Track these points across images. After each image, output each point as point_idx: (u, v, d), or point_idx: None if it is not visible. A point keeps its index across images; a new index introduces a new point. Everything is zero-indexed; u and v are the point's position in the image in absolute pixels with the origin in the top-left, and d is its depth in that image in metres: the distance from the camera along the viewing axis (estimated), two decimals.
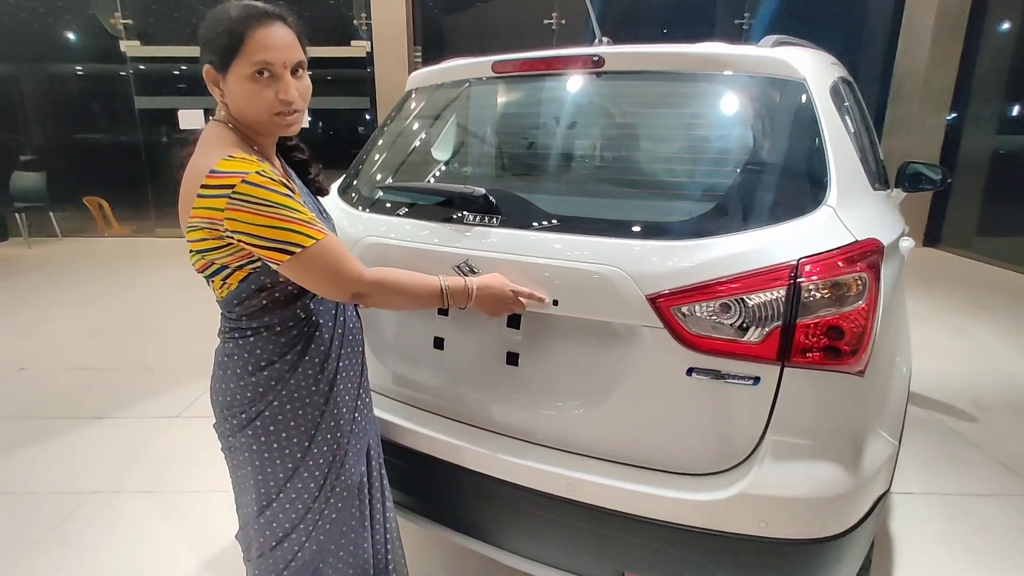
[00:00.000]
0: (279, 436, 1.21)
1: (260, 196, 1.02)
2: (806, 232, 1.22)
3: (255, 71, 1.07)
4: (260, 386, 1.18)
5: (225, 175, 1.02)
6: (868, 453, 1.24)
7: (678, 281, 1.21)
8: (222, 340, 1.21)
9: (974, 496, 2.40)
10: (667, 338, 1.22)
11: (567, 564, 1.41)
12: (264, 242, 1.03)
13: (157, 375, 3.52)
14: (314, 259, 1.07)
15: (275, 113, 1.10)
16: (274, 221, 1.03)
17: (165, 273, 6.11)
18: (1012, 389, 3.38)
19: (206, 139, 1.13)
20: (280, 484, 1.23)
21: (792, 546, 1.18)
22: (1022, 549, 2.08)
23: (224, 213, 1.02)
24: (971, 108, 7.03)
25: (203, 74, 1.11)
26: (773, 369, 1.17)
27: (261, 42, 1.06)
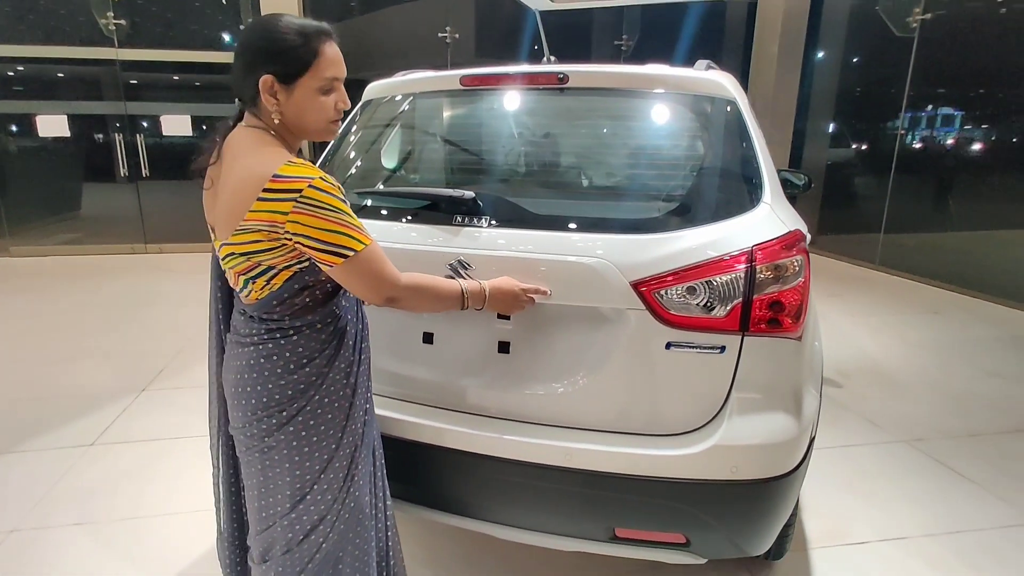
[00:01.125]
0: (318, 430, 1.26)
1: (324, 201, 1.09)
2: (753, 224, 1.49)
3: (324, 86, 1.17)
4: (302, 383, 1.23)
5: (291, 179, 1.08)
6: (806, 404, 1.53)
7: (657, 268, 1.42)
8: (254, 343, 1.24)
9: (850, 447, 2.88)
10: (648, 318, 1.43)
11: (564, 529, 1.58)
12: (323, 245, 1.10)
13: (62, 403, 3.21)
14: (364, 263, 1.15)
15: (331, 121, 1.22)
16: (334, 226, 1.10)
17: (38, 295, 5.47)
18: (865, 358, 4.03)
19: (250, 145, 1.17)
20: (315, 476, 1.28)
21: (757, 485, 1.43)
22: (892, 485, 2.55)
23: (288, 216, 1.08)
24: (809, 125, 8.16)
25: (259, 83, 1.14)
26: (735, 339, 1.42)
27: (331, 59, 1.17)
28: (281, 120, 1.18)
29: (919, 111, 6.67)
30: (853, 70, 7.76)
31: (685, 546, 1.51)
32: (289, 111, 1.17)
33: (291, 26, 1.14)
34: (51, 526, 2.21)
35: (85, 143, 7.35)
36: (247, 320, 1.26)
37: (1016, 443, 2.93)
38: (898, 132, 6.77)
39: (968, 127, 6.41)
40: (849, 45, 7.73)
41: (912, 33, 6.44)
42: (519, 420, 1.57)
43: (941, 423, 3.12)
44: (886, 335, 4.55)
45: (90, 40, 7.00)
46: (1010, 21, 5.79)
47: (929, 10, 6.31)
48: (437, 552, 2.09)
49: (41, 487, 2.45)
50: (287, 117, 1.18)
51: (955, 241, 6.40)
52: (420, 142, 2.06)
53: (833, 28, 7.82)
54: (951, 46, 6.29)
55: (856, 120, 7.80)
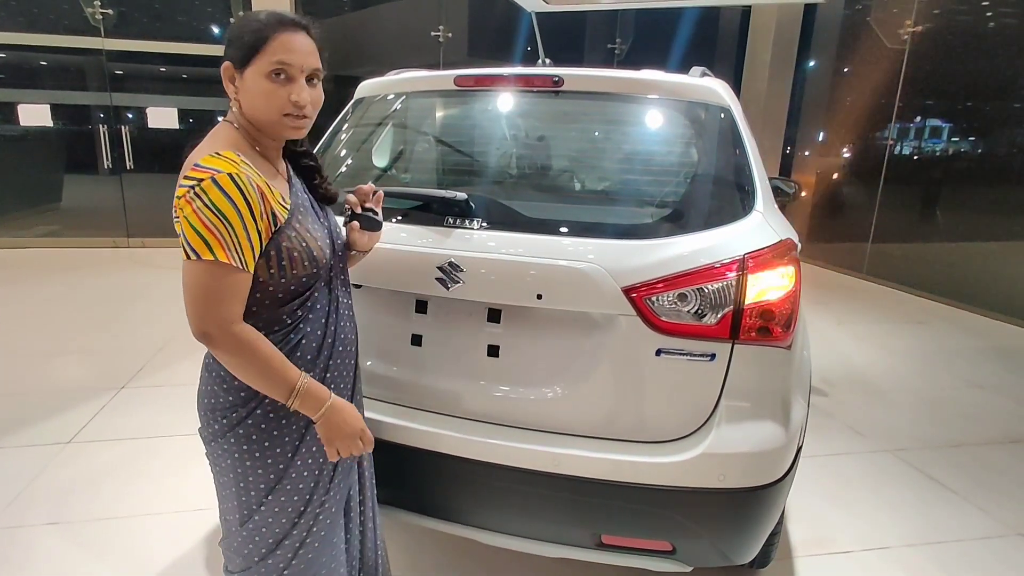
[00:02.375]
0: (261, 445, 1.19)
1: (214, 201, 1.02)
2: (745, 232, 1.48)
3: (272, 70, 1.09)
4: (243, 391, 1.16)
5: (203, 169, 1.03)
6: (794, 413, 1.52)
7: (649, 275, 1.41)
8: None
9: (835, 456, 2.89)
10: (639, 324, 1.42)
11: (550, 535, 1.56)
12: (183, 238, 1.03)
13: (38, 400, 3.15)
14: (200, 275, 1.03)
15: (285, 114, 1.12)
16: (202, 227, 1.01)
17: (15, 288, 5.37)
18: (850, 367, 4.05)
19: (210, 136, 1.14)
20: (261, 495, 1.21)
21: (745, 493, 1.42)
22: (876, 496, 2.56)
23: (179, 202, 1.03)
24: (800, 133, 8.22)
25: (221, 70, 1.12)
26: (725, 347, 1.41)
27: (284, 43, 1.10)
28: (240, 110, 1.13)
29: (908, 122, 6.74)
30: (844, 80, 7.83)
31: (671, 554, 1.50)
32: (246, 100, 1.12)
33: (257, 15, 1.12)
34: (24, 525, 2.16)
35: (68, 134, 7.24)
36: None
37: (997, 454, 2.96)
38: (887, 142, 6.84)
39: (956, 139, 6.49)
40: (840, 55, 7.81)
41: (903, 45, 6.51)
42: (508, 424, 1.55)
43: (924, 433, 3.14)
44: (871, 344, 4.59)
45: (76, 29, 6.89)
46: (999, 35, 5.88)
47: (920, 23, 6.38)
48: (419, 557, 2.07)
49: (15, 485, 2.39)
50: (245, 108, 1.13)
51: (941, 252, 6.48)
52: (412, 142, 2.04)
53: (825, 38, 7.89)
54: (941, 58, 6.37)
55: (846, 129, 7.87)
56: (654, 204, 1.63)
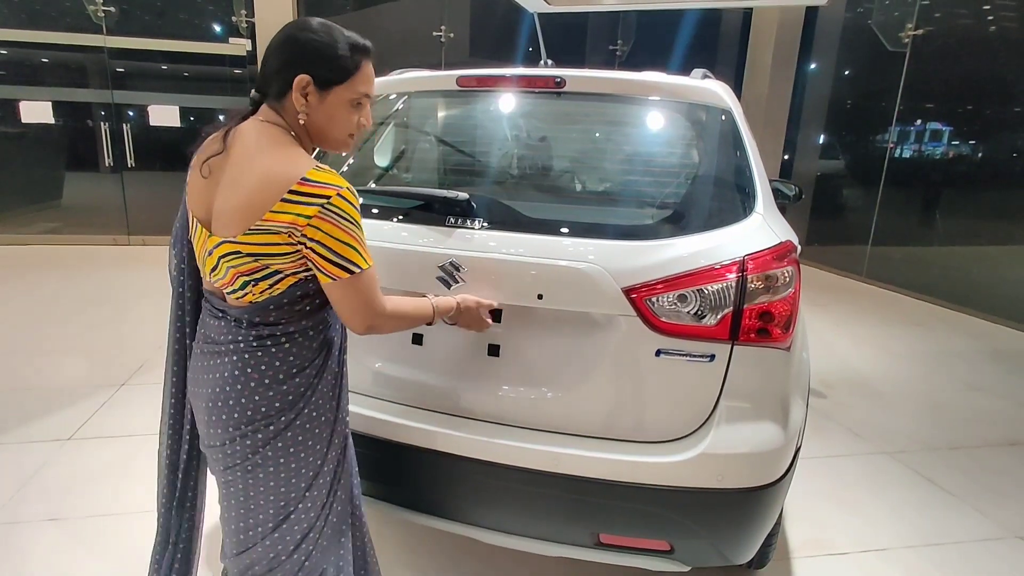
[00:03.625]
0: (306, 444, 1.21)
1: (349, 213, 1.07)
2: (745, 234, 1.48)
3: (357, 100, 1.17)
4: (291, 394, 1.18)
5: (321, 185, 1.05)
6: (793, 414, 1.53)
7: (649, 276, 1.42)
8: (240, 351, 1.16)
9: (833, 457, 2.89)
10: (639, 325, 1.42)
11: (550, 534, 1.56)
12: (335, 257, 1.07)
13: (38, 396, 3.15)
14: (364, 284, 1.12)
15: (350, 135, 1.21)
16: (351, 239, 1.08)
17: (15, 285, 5.37)
18: (849, 369, 4.06)
19: (269, 142, 1.12)
20: (302, 492, 1.23)
21: (743, 493, 1.43)
22: (874, 497, 2.56)
23: (311, 221, 1.04)
24: (800, 135, 8.23)
25: (295, 81, 1.11)
26: (725, 347, 1.42)
27: (368, 76, 1.18)
28: (305, 123, 1.15)
29: (909, 125, 6.75)
30: (845, 82, 7.84)
31: (669, 553, 1.50)
32: (316, 116, 1.15)
33: (341, 35, 1.15)
34: (22, 521, 2.16)
35: (69, 131, 7.24)
36: (229, 325, 1.17)
37: (995, 456, 2.96)
38: (888, 145, 6.85)
39: (956, 142, 6.50)
40: (842, 57, 7.81)
41: (904, 48, 6.51)
42: (508, 424, 1.55)
43: (922, 435, 3.15)
44: (870, 347, 4.59)
45: (78, 26, 6.89)
46: (1000, 38, 5.88)
47: (921, 26, 6.39)
48: (419, 555, 2.07)
49: (14, 481, 2.39)
50: (312, 121, 1.15)
51: (941, 255, 6.48)
52: (414, 142, 2.04)
53: (826, 40, 7.90)
54: (942, 62, 6.38)
55: (847, 132, 7.88)
56: (655, 205, 1.64)
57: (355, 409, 1.60)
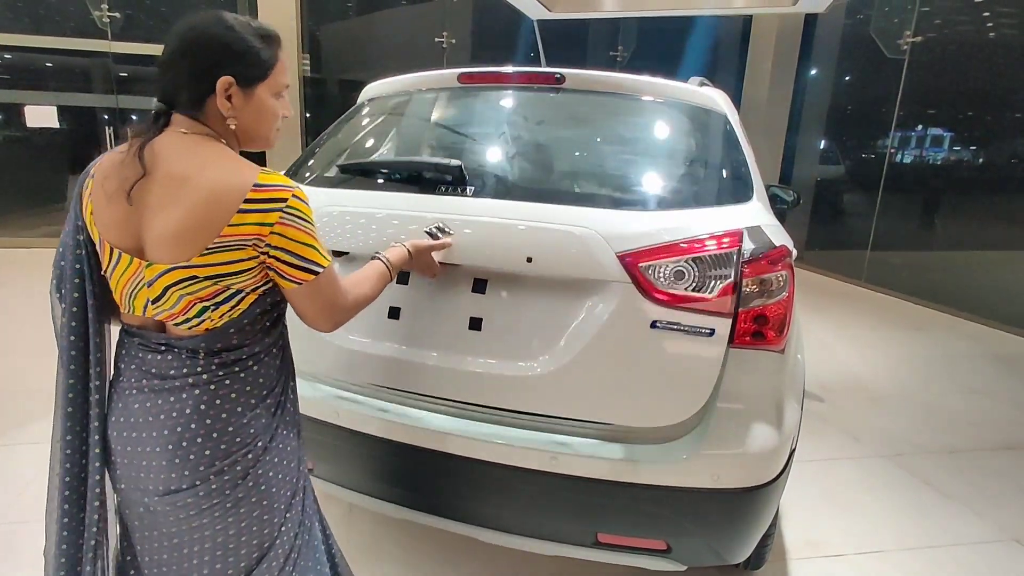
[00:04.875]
0: (283, 464, 1.14)
1: (305, 212, 1.03)
2: (745, 212, 1.50)
3: (279, 92, 1.12)
4: (264, 417, 1.10)
5: (275, 188, 1.00)
6: (787, 416, 1.55)
7: (646, 241, 1.39)
8: (201, 383, 1.04)
9: (831, 460, 2.91)
10: (634, 293, 1.38)
11: (547, 533, 1.58)
12: (299, 260, 1.03)
13: (41, 397, 3.17)
14: (327, 283, 1.08)
15: (277, 128, 1.16)
16: (310, 239, 1.04)
17: (16, 286, 5.41)
18: (847, 373, 4.08)
19: (205, 154, 1.02)
20: (283, 514, 1.15)
21: (738, 493, 1.45)
22: (870, 499, 2.58)
23: (273, 228, 0.99)
24: (800, 141, 8.27)
25: (218, 85, 1.02)
26: (726, 322, 1.37)
27: (287, 65, 1.14)
28: (223, 125, 1.07)
29: (908, 131, 6.78)
30: (844, 89, 7.88)
31: (666, 553, 1.52)
32: (245, 118, 1.08)
33: (250, 27, 1.06)
34: (30, 521, 2.18)
35: (74, 135, 7.28)
36: (180, 358, 1.04)
37: (993, 460, 2.98)
38: (887, 151, 6.88)
39: (956, 148, 6.53)
40: (841, 64, 7.86)
41: (903, 55, 6.55)
42: (492, 406, 1.51)
43: (920, 439, 3.17)
44: (869, 351, 4.61)
45: (83, 31, 6.95)
46: (999, 45, 5.92)
47: (920, 33, 6.43)
48: (415, 554, 2.09)
49: (25, 480, 2.42)
50: (241, 124, 1.08)
51: (940, 260, 6.51)
52: (416, 137, 2.06)
53: (826, 47, 7.95)
54: (941, 68, 6.42)
55: (846, 138, 7.92)
56: (651, 186, 1.64)
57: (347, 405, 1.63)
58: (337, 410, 1.65)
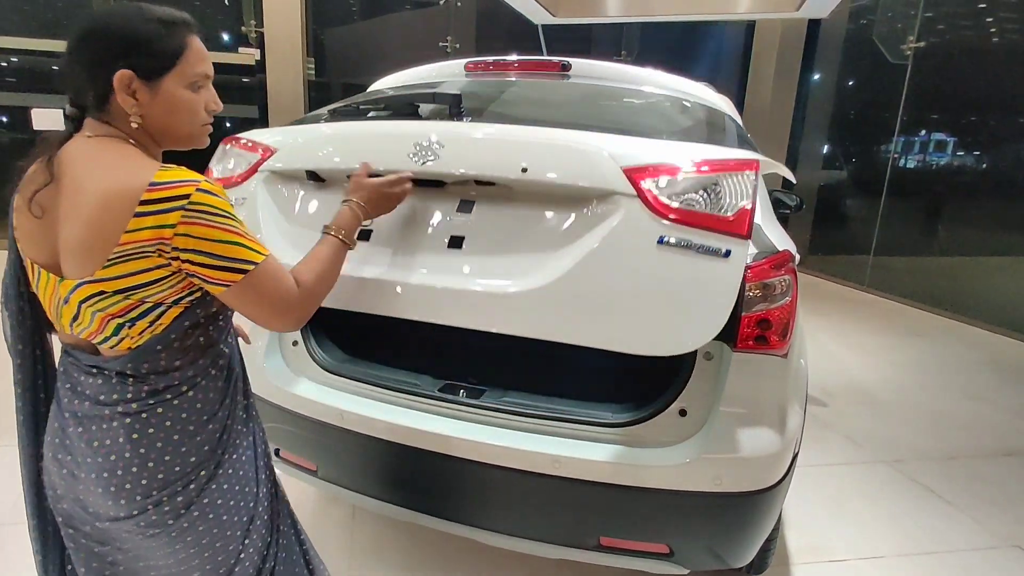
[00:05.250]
0: (234, 491, 1.06)
1: (217, 206, 0.91)
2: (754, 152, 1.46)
3: (195, 82, 1.00)
4: (207, 444, 1.02)
5: (174, 185, 0.89)
6: (790, 420, 1.55)
7: (656, 159, 1.27)
8: (131, 412, 0.96)
9: (832, 465, 2.92)
10: (639, 208, 1.23)
11: (550, 536, 1.59)
12: (218, 260, 0.91)
13: None
14: (265, 279, 0.97)
15: (203, 124, 1.05)
16: (229, 235, 0.92)
17: None
18: (849, 378, 4.08)
19: (105, 156, 0.94)
20: (239, 543, 1.08)
21: (741, 497, 1.46)
22: (871, 505, 2.59)
23: (176, 229, 0.88)
24: (803, 146, 8.28)
25: (115, 80, 0.92)
26: (744, 245, 1.19)
27: (199, 53, 1.01)
28: (142, 124, 0.97)
29: (912, 136, 6.79)
30: (847, 93, 7.90)
31: (668, 556, 1.53)
32: (154, 113, 0.97)
33: (152, 13, 0.96)
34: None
35: None
36: (110, 383, 0.96)
37: (993, 466, 2.99)
38: (890, 156, 6.89)
39: (960, 153, 6.54)
40: (844, 69, 7.87)
41: (906, 60, 6.57)
42: (474, 330, 1.39)
43: (921, 444, 3.17)
44: (871, 356, 4.61)
45: None
46: (1002, 50, 5.93)
47: (923, 38, 6.44)
48: (417, 556, 2.10)
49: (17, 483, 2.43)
50: (151, 121, 0.98)
51: (943, 265, 6.51)
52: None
53: (829, 52, 7.96)
54: (944, 73, 6.43)
55: (849, 143, 7.93)
56: (661, 129, 1.66)
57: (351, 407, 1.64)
58: (341, 413, 1.67)
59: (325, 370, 1.79)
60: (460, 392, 1.69)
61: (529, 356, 2.26)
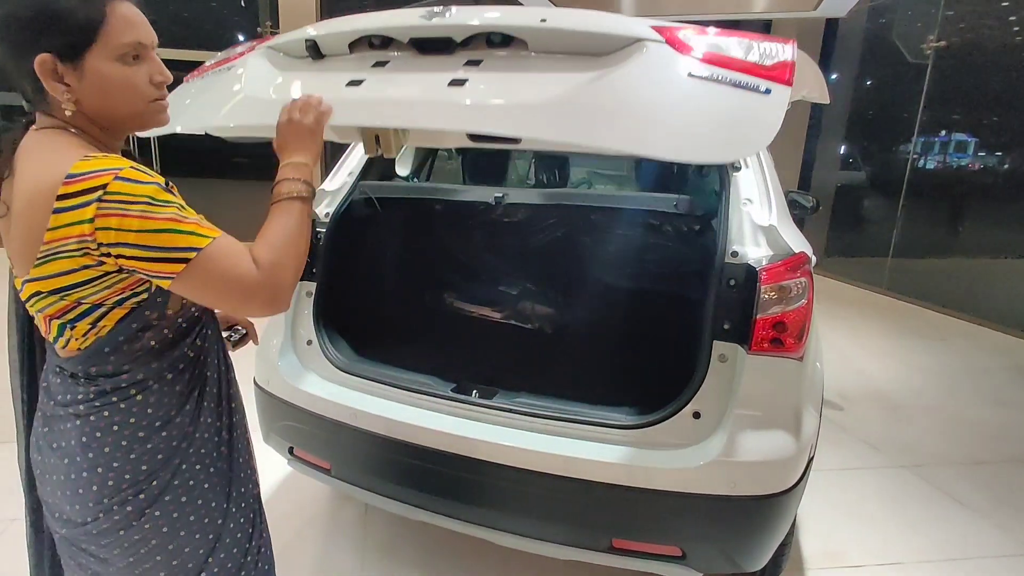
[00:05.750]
0: (195, 505, 0.99)
1: (141, 193, 0.81)
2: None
3: (126, 54, 0.88)
4: (161, 452, 0.95)
5: (90, 176, 0.80)
6: (805, 423, 1.54)
7: (690, 30, 1.20)
8: (81, 414, 0.92)
9: (849, 470, 2.88)
10: (668, 50, 1.17)
11: (563, 538, 1.59)
12: (151, 252, 0.82)
13: None
14: (212, 262, 0.85)
15: (152, 100, 0.93)
16: (160, 222, 0.82)
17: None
18: (866, 382, 4.02)
19: (40, 150, 0.87)
20: (200, 563, 1.01)
21: (755, 501, 1.45)
22: (889, 510, 2.55)
23: (95, 223, 0.80)
24: (819, 146, 8.18)
25: (36, 67, 0.84)
26: (785, 91, 1.08)
27: (125, 18, 0.88)
28: (78, 110, 0.88)
29: (932, 136, 6.68)
30: (865, 93, 7.79)
31: (681, 559, 1.52)
32: (88, 97, 0.88)
33: None
34: None
35: None
36: (66, 381, 0.94)
37: (1017, 472, 2.92)
38: (910, 156, 6.79)
39: (981, 154, 6.42)
40: (862, 68, 7.77)
41: (926, 59, 6.47)
42: (482, 135, 1.30)
43: (942, 450, 3.12)
44: (890, 360, 4.55)
45: None
46: None
47: (943, 38, 6.34)
48: (430, 555, 2.11)
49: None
50: (87, 104, 0.89)
51: (963, 268, 6.39)
52: None
53: (847, 51, 7.87)
54: (965, 73, 6.31)
55: (867, 143, 7.82)
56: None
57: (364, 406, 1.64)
58: (354, 412, 1.68)
59: (339, 369, 1.80)
60: (473, 392, 1.70)
61: (542, 356, 2.26)
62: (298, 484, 2.46)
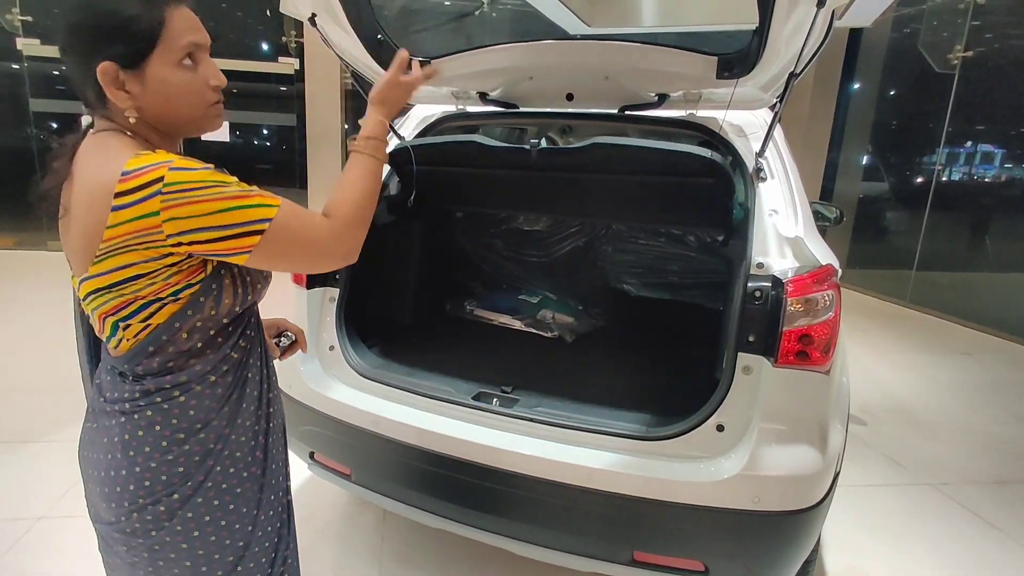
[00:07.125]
0: (226, 509, 0.99)
1: (198, 179, 0.84)
2: None
3: (184, 56, 0.90)
4: (197, 455, 0.96)
5: (143, 171, 0.82)
6: (831, 438, 1.52)
7: None
8: (127, 411, 0.94)
9: (873, 486, 2.82)
10: None
11: (584, 549, 1.57)
12: (224, 231, 0.84)
13: (81, 396, 3.29)
14: (288, 228, 0.89)
15: (212, 104, 0.95)
16: (226, 202, 0.84)
17: (44, 289, 5.63)
18: (890, 397, 3.95)
19: (96, 152, 0.90)
20: (230, 568, 1.01)
21: (780, 517, 1.42)
22: (913, 528, 2.49)
23: (161, 216, 0.82)
24: (842, 157, 8.09)
25: (98, 75, 0.86)
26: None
27: (185, 21, 0.90)
28: (141, 117, 0.90)
29: (958, 147, 6.58)
30: (890, 103, 7.69)
31: (703, 574, 1.50)
32: (150, 103, 0.90)
33: None
34: (78, 515, 2.26)
35: None
36: (116, 380, 0.96)
37: None
38: (935, 168, 6.69)
39: (1008, 165, 6.30)
40: (887, 78, 7.67)
41: (952, 70, 6.37)
42: None
43: (967, 467, 3.05)
44: (913, 374, 4.46)
45: None
46: None
47: (971, 47, 6.25)
48: (447, 563, 2.10)
49: (69, 476, 2.51)
50: (150, 112, 0.91)
51: (989, 281, 6.27)
52: None
53: (871, 61, 7.78)
54: (993, 84, 6.22)
55: (891, 154, 7.71)
56: None
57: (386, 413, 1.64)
58: (375, 418, 1.69)
59: (361, 375, 1.81)
60: (494, 400, 1.69)
61: (564, 366, 2.25)
62: (317, 489, 2.47)
